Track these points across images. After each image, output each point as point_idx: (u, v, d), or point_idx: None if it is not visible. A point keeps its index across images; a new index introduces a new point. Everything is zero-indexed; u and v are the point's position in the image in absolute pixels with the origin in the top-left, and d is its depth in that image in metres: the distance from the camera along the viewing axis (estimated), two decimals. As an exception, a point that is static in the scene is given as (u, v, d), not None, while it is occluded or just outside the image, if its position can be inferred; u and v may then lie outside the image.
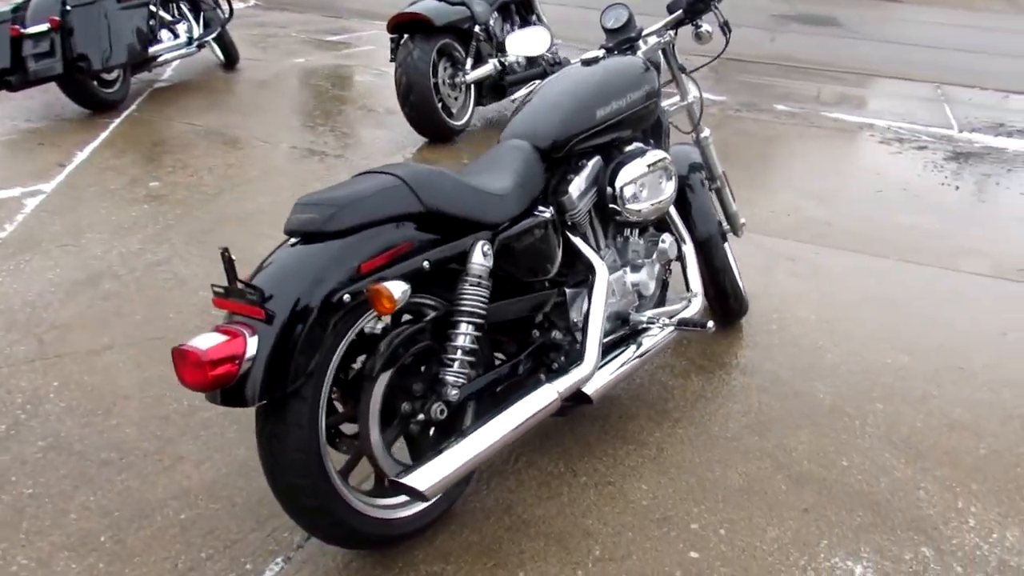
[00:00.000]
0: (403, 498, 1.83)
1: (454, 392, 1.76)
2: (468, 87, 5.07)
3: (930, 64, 9.16)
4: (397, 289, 1.59)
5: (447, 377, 1.77)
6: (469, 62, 5.03)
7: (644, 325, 2.26)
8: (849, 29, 12.14)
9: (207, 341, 1.52)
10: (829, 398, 2.56)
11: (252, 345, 1.53)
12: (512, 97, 2.71)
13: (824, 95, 7.55)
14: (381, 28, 5.34)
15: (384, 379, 1.72)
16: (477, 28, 5.00)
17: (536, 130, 2.14)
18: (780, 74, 8.33)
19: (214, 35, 6.06)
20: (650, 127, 2.48)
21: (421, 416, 1.78)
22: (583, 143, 2.18)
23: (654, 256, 2.43)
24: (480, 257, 1.81)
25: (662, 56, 2.59)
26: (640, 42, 2.51)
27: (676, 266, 2.58)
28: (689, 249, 2.54)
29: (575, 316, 2.11)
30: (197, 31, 5.95)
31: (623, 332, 2.26)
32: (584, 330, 2.06)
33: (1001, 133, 6.39)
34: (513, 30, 5.37)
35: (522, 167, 2.03)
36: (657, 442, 2.30)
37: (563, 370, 1.99)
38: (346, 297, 1.61)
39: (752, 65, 8.47)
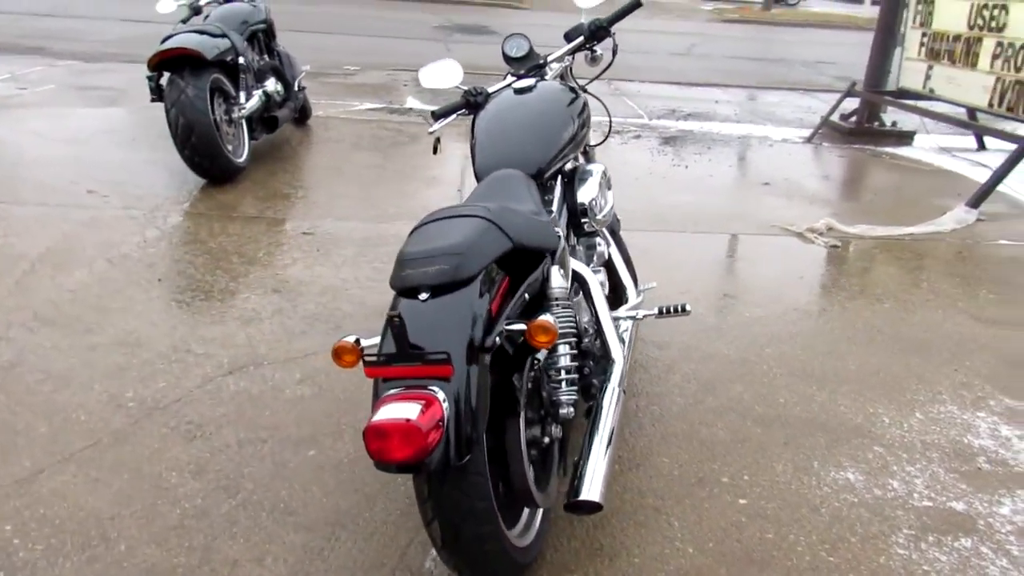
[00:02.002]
0: (523, 527, 1.89)
1: (570, 411, 1.87)
2: (241, 122, 4.82)
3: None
4: (553, 322, 1.66)
5: (561, 398, 1.87)
6: (242, 96, 4.78)
7: (624, 320, 2.52)
8: (502, 35, 13.27)
9: (407, 411, 1.46)
10: (734, 352, 3.05)
11: (446, 406, 1.51)
12: (431, 129, 2.74)
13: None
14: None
15: (522, 414, 1.77)
16: (241, 60, 4.77)
17: (525, 158, 2.26)
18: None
19: None
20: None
21: (546, 439, 1.85)
22: (554, 165, 2.36)
23: (595, 259, 2.69)
24: (560, 280, 1.93)
25: (562, 79, 2.84)
26: (546, 68, 2.73)
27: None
28: (613, 248, 2.84)
29: (585, 323, 2.29)
30: None
31: (610, 330, 2.49)
32: (600, 332, 2.26)
33: (679, 117, 7.66)
34: (263, 59, 5.22)
35: (533, 194, 2.16)
36: (649, 422, 2.58)
37: (603, 371, 2.17)
38: (498, 340, 1.64)
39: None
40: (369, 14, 14.02)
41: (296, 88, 5.62)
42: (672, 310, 2.52)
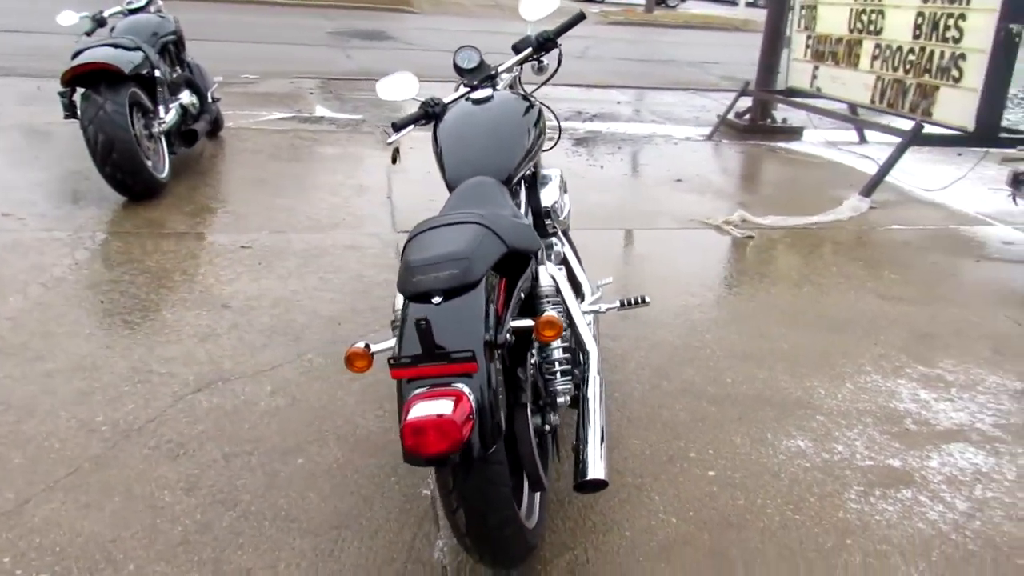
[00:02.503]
0: (527, 510, 2.01)
1: (567, 399, 2.01)
2: (160, 137, 4.72)
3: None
4: (559, 318, 1.79)
5: (558, 387, 2.00)
6: (161, 109, 4.68)
7: (587, 314, 2.67)
8: (401, 40, 13.33)
9: (440, 408, 1.56)
10: (678, 340, 3.27)
11: (473, 400, 1.62)
12: (390, 140, 2.81)
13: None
14: None
15: (528, 405, 1.89)
16: (157, 73, 4.68)
17: (494, 165, 2.38)
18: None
19: None
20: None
21: (547, 427, 1.99)
22: (520, 171, 2.49)
23: (553, 258, 2.84)
24: (548, 279, 2.06)
25: (511, 88, 2.97)
26: (498, 78, 2.86)
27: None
28: (567, 247, 3.00)
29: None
30: None
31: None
32: (573, 325, 2.40)
33: (586, 119, 7.94)
34: (176, 71, 5.13)
35: (508, 199, 2.28)
36: (615, 408, 2.75)
37: (581, 361, 2.31)
38: (508, 337, 1.76)
39: (355, 82, 8.99)
40: (263, 21, 13.73)
41: (210, 100, 5.53)
42: (633, 302, 2.69)
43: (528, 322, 1.81)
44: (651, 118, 8.21)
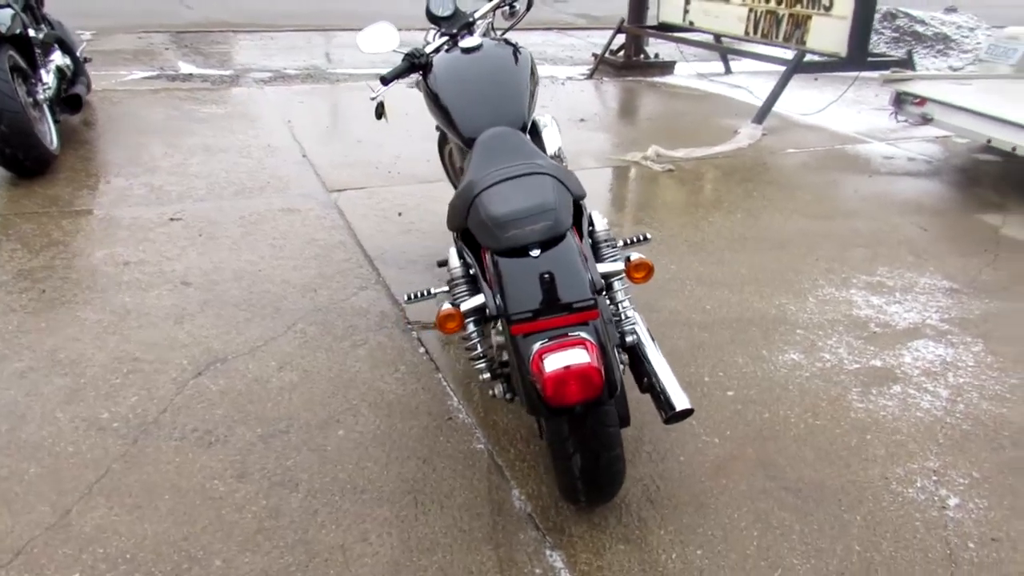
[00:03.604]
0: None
1: (635, 338, 2.07)
2: (44, 104, 4.25)
3: (366, 13, 10.30)
4: (647, 259, 1.84)
5: (626, 328, 2.06)
6: (42, 74, 4.21)
7: None
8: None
9: (575, 357, 1.58)
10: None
11: (596, 348, 1.65)
12: (374, 95, 2.69)
13: (310, 53, 8.04)
14: None
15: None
16: (32, 32, 4.19)
17: (509, 114, 2.35)
18: (246, 40, 8.50)
19: None
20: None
21: (622, 367, 2.05)
22: (530, 118, 2.49)
23: None
24: (602, 223, 2.10)
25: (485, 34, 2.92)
26: (475, 25, 2.80)
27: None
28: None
29: None
30: None
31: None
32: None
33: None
34: (41, 29, 4.64)
35: (535, 147, 2.28)
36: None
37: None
38: (603, 281, 1.80)
39: (209, 34, 8.40)
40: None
41: (82, 60, 5.01)
42: (636, 240, 2.78)
43: (618, 266, 1.85)
44: (529, 59, 8.22)
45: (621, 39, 7.73)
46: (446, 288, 2.37)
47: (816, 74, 6.82)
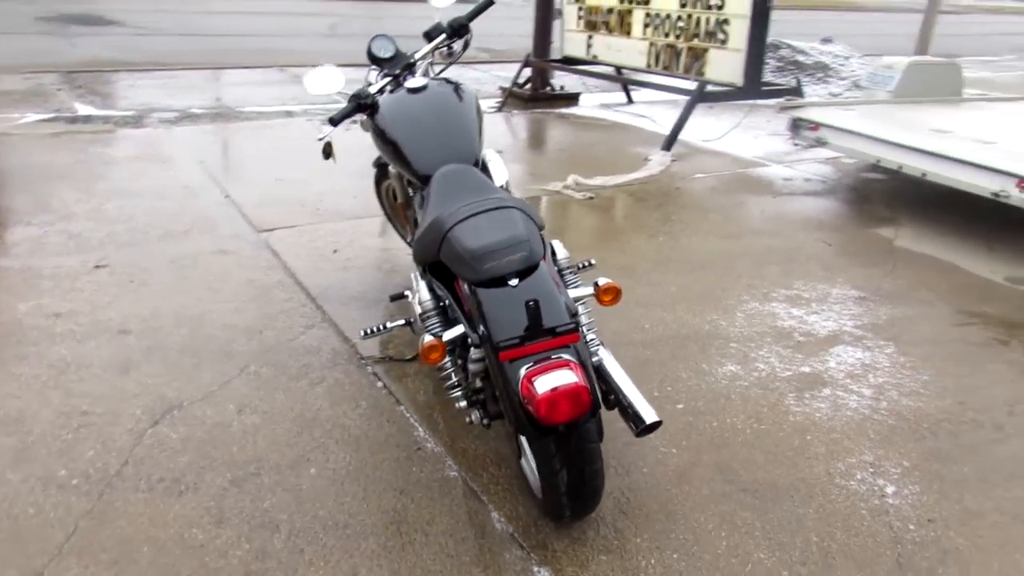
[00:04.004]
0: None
1: (598, 358, 2.19)
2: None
3: (262, 50, 10.23)
4: (614, 283, 1.96)
5: (592, 348, 2.17)
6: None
7: None
8: (129, 25, 12.17)
9: (563, 378, 1.68)
10: (586, 297, 3.55)
11: (581, 368, 1.75)
12: (321, 136, 2.72)
13: (213, 92, 7.91)
14: None
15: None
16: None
17: (463, 151, 2.46)
18: (144, 79, 8.30)
19: None
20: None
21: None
22: (480, 154, 2.59)
23: None
24: (564, 251, 2.21)
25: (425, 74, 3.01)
26: (415, 66, 2.89)
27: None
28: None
29: None
30: None
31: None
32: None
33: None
34: None
35: (492, 184, 2.39)
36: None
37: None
38: (578, 307, 1.91)
39: (103, 74, 8.16)
40: (-55, 9, 11.75)
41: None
42: (582, 266, 2.91)
43: (588, 290, 1.97)
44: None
45: (528, 72, 7.97)
46: (401, 322, 2.44)
47: (713, 103, 7.23)
